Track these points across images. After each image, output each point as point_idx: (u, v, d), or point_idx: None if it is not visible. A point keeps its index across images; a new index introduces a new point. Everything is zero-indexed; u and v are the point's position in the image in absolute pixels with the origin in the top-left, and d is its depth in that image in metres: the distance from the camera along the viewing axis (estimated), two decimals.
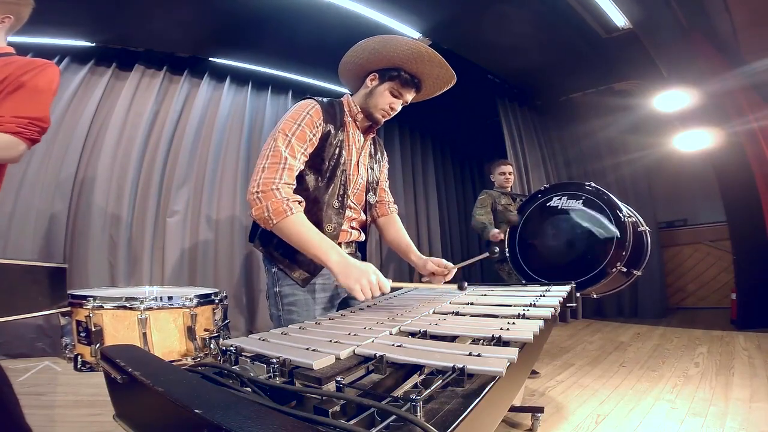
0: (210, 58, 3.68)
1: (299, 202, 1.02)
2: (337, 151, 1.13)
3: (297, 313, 1.11)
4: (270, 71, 3.93)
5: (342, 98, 1.22)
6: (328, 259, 0.95)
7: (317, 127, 1.09)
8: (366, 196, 1.27)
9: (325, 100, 1.16)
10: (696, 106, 3.68)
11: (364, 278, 0.91)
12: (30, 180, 2.90)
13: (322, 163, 1.12)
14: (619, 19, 3.18)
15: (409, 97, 1.19)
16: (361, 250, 1.31)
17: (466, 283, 1.08)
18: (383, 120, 1.19)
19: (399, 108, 1.19)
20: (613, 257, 1.93)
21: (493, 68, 4.13)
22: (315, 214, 1.10)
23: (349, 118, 1.19)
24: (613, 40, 3.43)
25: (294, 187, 1.04)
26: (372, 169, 1.29)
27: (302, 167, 1.08)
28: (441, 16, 3.13)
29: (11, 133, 1.05)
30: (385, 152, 1.40)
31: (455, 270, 1.25)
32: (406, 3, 2.95)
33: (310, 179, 1.11)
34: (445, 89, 1.24)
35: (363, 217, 1.27)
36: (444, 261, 1.26)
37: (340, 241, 1.18)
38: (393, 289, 1.06)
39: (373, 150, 1.30)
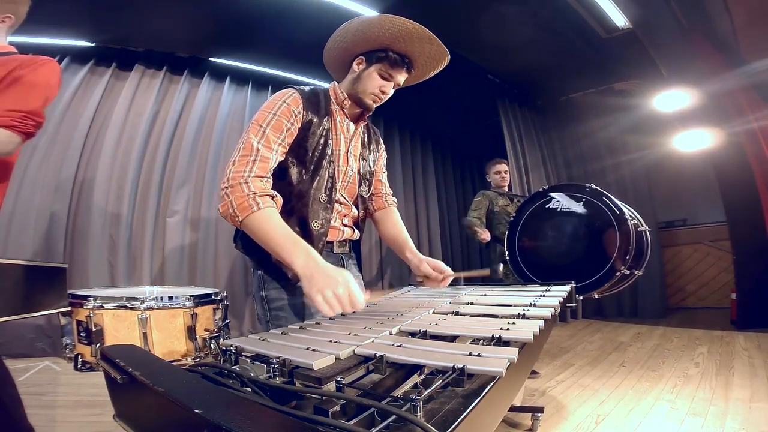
0: (210, 58, 3.68)
1: (272, 197, 0.94)
2: (322, 141, 1.06)
3: (285, 319, 1.04)
4: (270, 71, 3.93)
5: (328, 86, 1.16)
6: (293, 262, 0.83)
7: (295, 116, 1.02)
8: (358, 189, 1.19)
9: (306, 88, 1.09)
10: (696, 106, 3.69)
11: (329, 290, 0.77)
12: (30, 180, 2.90)
13: (306, 153, 1.04)
14: (619, 19, 3.19)
15: (401, 78, 1.11)
16: (355, 250, 1.24)
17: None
18: (374, 105, 1.11)
19: (391, 91, 1.11)
20: (616, 260, 1.93)
21: (493, 68, 4.13)
22: (300, 210, 1.04)
23: (336, 106, 1.12)
24: (613, 40, 3.43)
25: (268, 180, 0.96)
26: (365, 159, 1.20)
27: (280, 158, 1.01)
28: (441, 15, 3.13)
29: (6, 126, 1.06)
30: (381, 141, 1.32)
31: (452, 278, 1.15)
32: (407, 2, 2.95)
33: (294, 172, 1.04)
34: (440, 68, 1.16)
35: (355, 212, 1.19)
36: (442, 265, 1.15)
37: (331, 240, 1.11)
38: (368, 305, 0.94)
39: (366, 139, 1.22)
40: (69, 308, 1.57)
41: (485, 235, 2.77)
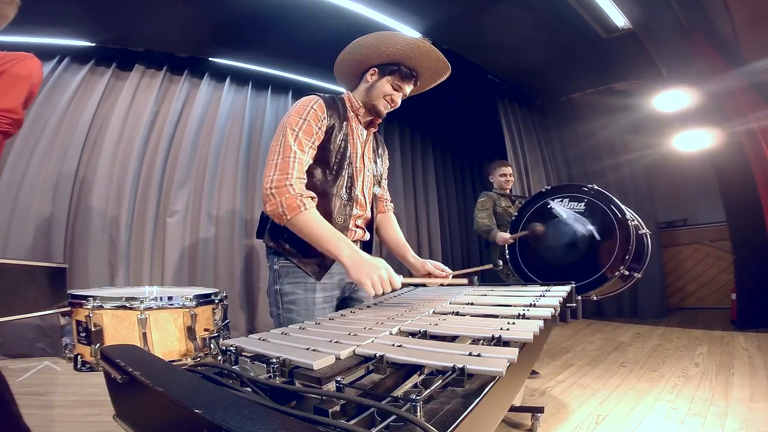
0: (210, 58, 3.68)
1: (312, 198, 1.04)
2: (343, 144, 1.16)
3: (296, 312, 1.11)
4: (270, 71, 3.94)
5: (342, 95, 1.25)
6: (340, 254, 0.98)
7: (322, 121, 1.11)
8: (372, 188, 1.30)
9: (326, 95, 1.18)
10: (696, 106, 3.69)
11: (375, 274, 0.93)
12: (30, 180, 2.90)
13: (329, 156, 1.14)
14: (619, 19, 3.19)
15: (408, 90, 1.22)
16: (366, 250, 1.29)
17: (476, 278, 1.13)
18: (386, 111, 1.22)
19: (399, 101, 1.22)
20: (615, 261, 1.93)
21: (493, 68, 4.13)
22: (325, 206, 1.12)
23: (351, 113, 1.21)
24: (613, 40, 3.43)
25: (305, 181, 1.07)
26: (375, 163, 1.32)
27: (311, 161, 1.10)
28: (441, 16, 3.14)
29: None
30: (386, 149, 1.42)
31: (451, 277, 1.25)
32: (406, 3, 2.95)
33: (318, 172, 1.13)
34: (440, 81, 1.27)
35: (369, 214, 1.28)
36: (442, 265, 1.27)
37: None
38: (404, 285, 1.07)
39: (375, 145, 1.33)
40: (69, 308, 1.56)
41: (506, 237, 2.49)
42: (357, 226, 1.23)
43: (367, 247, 1.31)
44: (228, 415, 0.33)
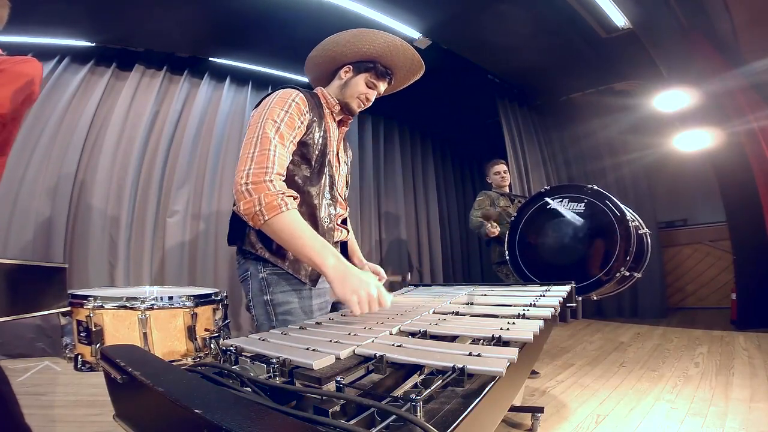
0: (210, 58, 3.68)
1: (294, 198, 0.94)
2: (322, 141, 1.09)
3: (293, 323, 1.02)
4: (270, 71, 3.94)
5: (315, 90, 1.19)
6: (324, 263, 0.85)
7: (304, 115, 1.03)
8: (345, 188, 1.27)
9: (304, 89, 1.11)
10: (696, 106, 3.68)
11: (363, 290, 0.82)
12: (30, 180, 2.90)
13: (310, 152, 1.07)
14: (619, 19, 3.19)
15: (383, 88, 1.19)
16: (343, 250, 1.27)
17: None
18: (358, 110, 1.18)
19: (373, 99, 1.19)
20: (616, 261, 1.93)
21: (493, 68, 4.13)
22: (309, 205, 1.06)
23: (327, 110, 1.16)
24: (613, 40, 3.43)
25: (285, 177, 0.97)
26: (346, 163, 1.28)
27: (291, 156, 1.02)
28: (441, 16, 3.14)
29: None
30: (350, 147, 1.38)
31: (385, 279, 1.27)
32: (406, 3, 2.95)
33: (300, 170, 1.06)
34: (413, 80, 1.25)
35: (346, 213, 1.25)
36: (379, 268, 1.28)
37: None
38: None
39: (344, 144, 1.28)
40: (69, 308, 1.57)
41: (493, 229, 2.67)
42: (339, 225, 1.18)
43: (344, 246, 1.28)
44: (228, 415, 0.33)
